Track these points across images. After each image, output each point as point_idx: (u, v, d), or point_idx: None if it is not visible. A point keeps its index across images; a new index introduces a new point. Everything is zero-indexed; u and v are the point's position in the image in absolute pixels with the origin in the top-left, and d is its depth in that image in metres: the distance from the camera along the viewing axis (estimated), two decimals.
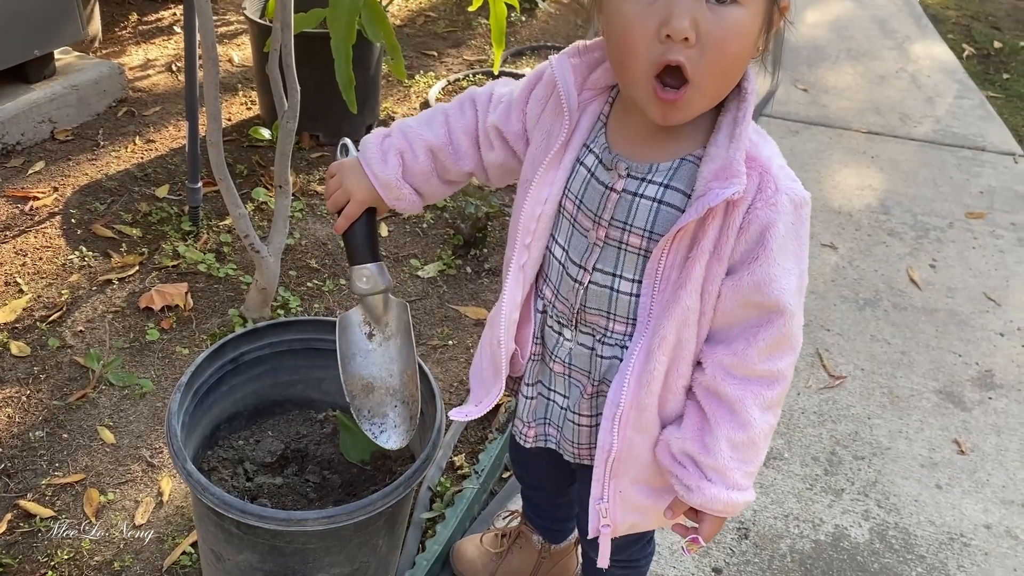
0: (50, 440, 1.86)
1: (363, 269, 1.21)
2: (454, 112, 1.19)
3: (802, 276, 1.01)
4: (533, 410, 1.23)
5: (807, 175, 3.17)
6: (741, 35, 0.91)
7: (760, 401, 1.03)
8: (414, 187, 1.18)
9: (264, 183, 2.72)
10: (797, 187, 0.99)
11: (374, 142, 1.18)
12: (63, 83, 2.89)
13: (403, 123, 1.19)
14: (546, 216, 1.09)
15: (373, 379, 1.30)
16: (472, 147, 1.18)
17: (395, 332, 1.29)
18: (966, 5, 5.14)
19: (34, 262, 2.33)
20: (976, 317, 2.56)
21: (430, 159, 1.18)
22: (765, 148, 0.99)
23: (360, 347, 1.28)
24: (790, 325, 1.00)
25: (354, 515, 1.27)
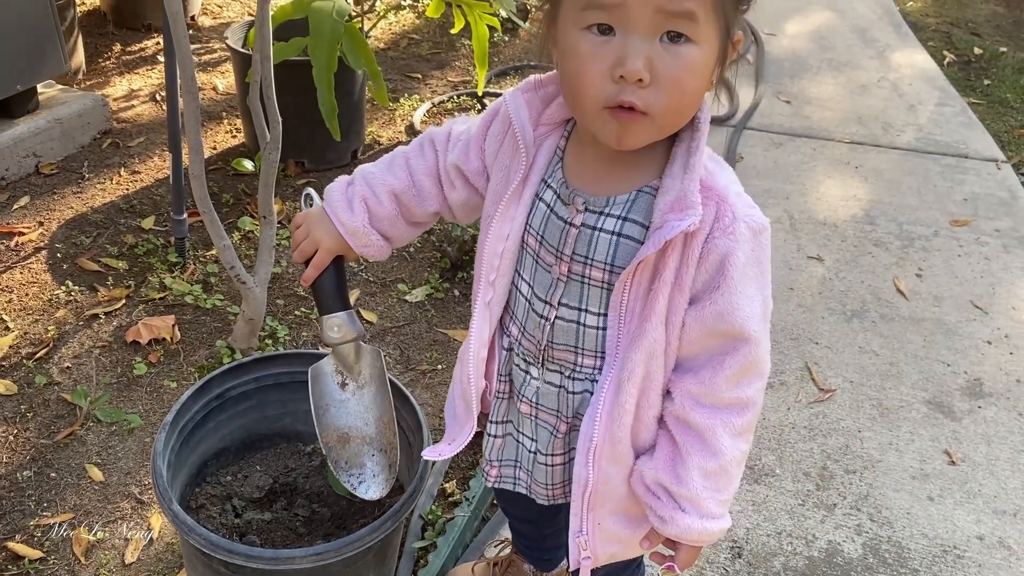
0: (38, 479, 1.85)
1: (333, 318, 1.21)
2: (414, 154, 1.19)
3: (765, 302, 1.01)
4: (499, 449, 1.23)
5: (791, 187, 3.18)
6: (696, 73, 0.91)
7: (730, 429, 1.03)
8: (381, 232, 1.18)
9: (250, 212, 2.73)
10: (755, 214, 0.98)
11: (338, 191, 1.18)
12: (47, 117, 2.89)
13: (365, 170, 1.19)
14: (509, 252, 1.09)
15: (348, 429, 1.29)
16: (435, 187, 1.18)
17: (368, 380, 1.29)
18: (946, 12, 5.18)
19: (20, 298, 2.32)
20: (963, 325, 2.57)
21: (394, 203, 1.18)
22: (721, 176, 0.99)
23: (334, 397, 1.28)
24: (756, 352, 1.00)
25: (342, 551, 1.26)
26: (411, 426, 1.48)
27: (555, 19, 0.96)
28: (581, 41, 0.91)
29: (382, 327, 2.36)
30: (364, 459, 1.30)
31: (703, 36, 0.90)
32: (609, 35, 0.89)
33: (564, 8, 0.94)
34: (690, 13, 0.87)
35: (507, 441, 1.22)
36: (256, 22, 1.87)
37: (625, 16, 0.88)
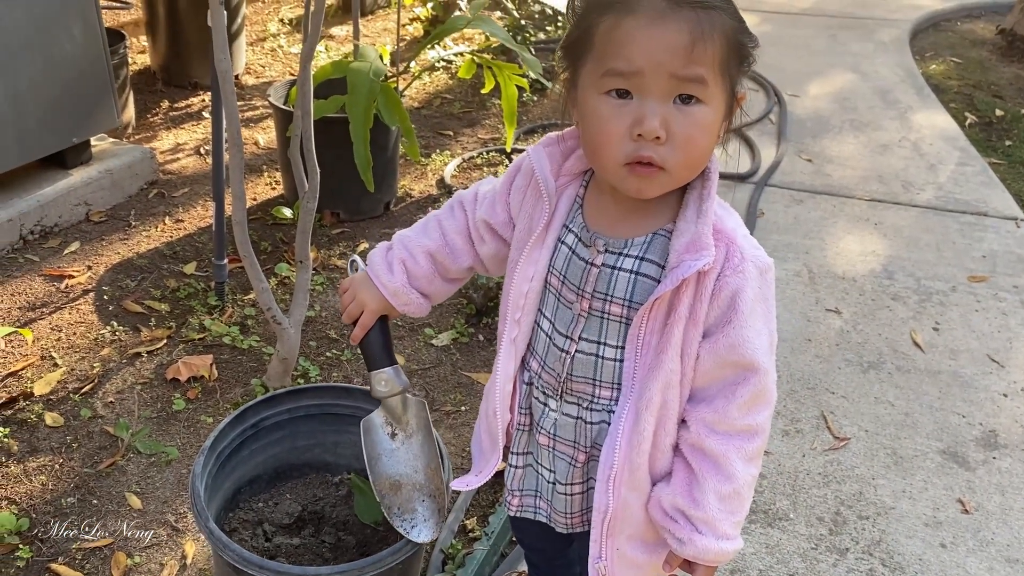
0: (81, 506, 1.95)
1: (381, 373, 1.33)
2: (445, 216, 1.31)
3: (772, 335, 1.10)
4: (520, 479, 1.32)
5: (811, 242, 3.26)
6: (706, 130, 1.02)
7: (742, 454, 1.11)
8: (420, 290, 1.31)
9: (287, 259, 2.85)
10: (760, 254, 1.09)
11: (379, 256, 1.31)
12: (98, 168, 3.06)
13: (402, 234, 1.32)
14: (533, 292, 1.18)
15: (400, 477, 1.39)
16: (466, 245, 1.30)
17: (416, 430, 1.39)
18: (968, 75, 5.28)
19: (68, 337, 2.45)
20: (980, 378, 2.61)
21: (430, 262, 1.30)
22: (729, 220, 1.09)
23: (385, 447, 1.39)
24: (765, 381, 1.09)
25: (364, 571, 1.34)
26: None
27: (576, 84, 1.08)
28: (601, 105, 1.02)
29: (409, 370, 2.45)
30: (415, 504, 1.40)
31: (711, 97, 1.00)
32: (627, 98, 1.01)
33: (584, 75, 1.05)
34: (700, 78, 0.98)
35: (527, 472, 1.31)
36: (299, 80, 2.01)
37: (642, 83, 0.99)
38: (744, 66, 1.04)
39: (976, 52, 5.73)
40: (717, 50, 0.98)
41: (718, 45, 0.98)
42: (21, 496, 1.96)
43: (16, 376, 2.29)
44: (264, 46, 4.72)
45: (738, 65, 1.03)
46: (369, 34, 5.07)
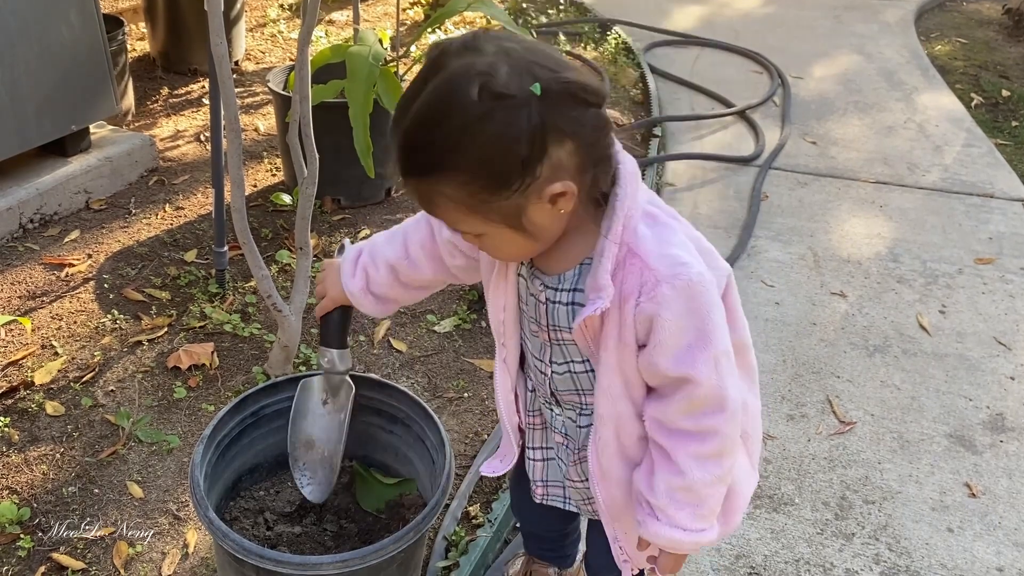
0: (82, 495, 1.94)
1: (326, 351, 1.48)
2: (412, 228, 1.33)
3: (715, 345, 1.06)
4: (543, 471, 1.38)
5: (816, 225, 3.23)
6: (506, 242, 1.06)
7: (691, 452, 1.11)
8: (379, 295, 1.37)
9: (287, 246, 2.84)
10: (683, 272, 1.04)
11: (351, 256, 1.37)
12: (98, 155, 3.04)
13: (373, 240, 1.37)
14: (510, 320, 1.24)
15: (316, 439, 1.55)
16: (428, 259, 1.32)
17: (343, 407, 1.54)
18: (974, 55, 5.23)
19: (69, 325, 2.44)
20: (986, 361, 2.59)
21: (390, 273, 1.34)
22: (648, 241, 1.05)
23: (313, 410, 1.54)
24: (700, 392, 1.07)
25: (367, 559, 1.33)
26: (435, 444, 1.55)
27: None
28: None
29: (411, 356, 2.44)
30: (317, 467, 1.55)
31: (483, 230, 1.04)
32: None
33: None
34: (455, 230, 1.08)
35: (549, 464, 1.38)
36: (296, 65, 1.99)
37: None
38: (500, 198, 0.98)
39: (982, 32, 5.68)
40: (448, 208, 1.02)
41: (447, 203, 1.01)
42: (22, 486, 1.95)
43: (16, 365, 2.28)
44: (264, 32, 4.69)
45: (497, 190, 0.97)
46: (369, 18, 5.04)
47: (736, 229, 3.20)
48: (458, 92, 0.92)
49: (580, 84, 0.96)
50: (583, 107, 0.97)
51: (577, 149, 0.98)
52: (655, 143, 3.78)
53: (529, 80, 0.93)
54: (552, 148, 0.96)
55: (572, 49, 4.72)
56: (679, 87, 4.46)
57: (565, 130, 0.96)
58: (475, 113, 0.92)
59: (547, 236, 1.06)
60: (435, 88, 0.94)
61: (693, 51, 4.96)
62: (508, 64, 0.93)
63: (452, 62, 0.94)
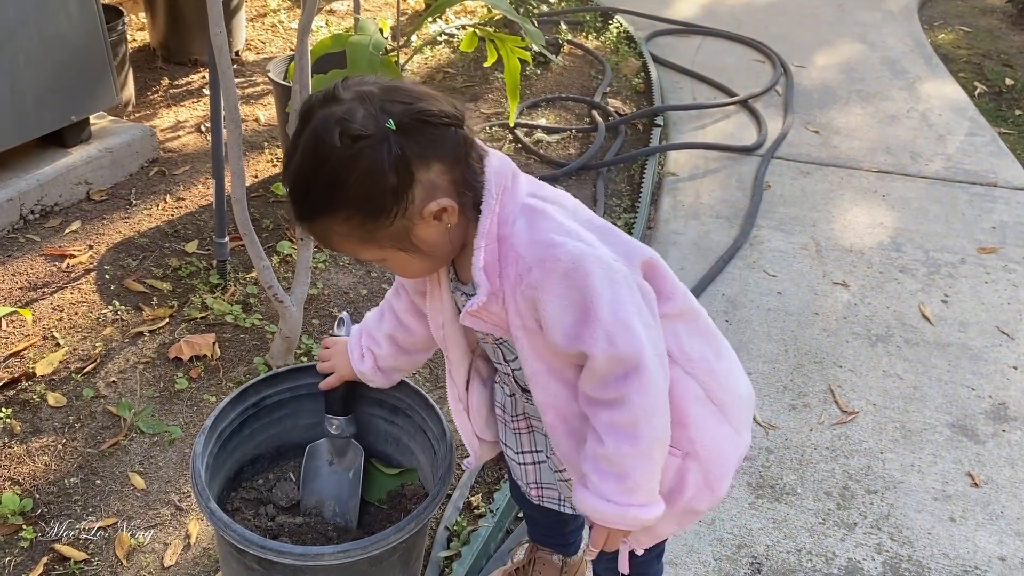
0: (84, 486, 1.94)
1: (334, 419, 1.56)
2: (394, 298, 1.42)
3: (601, 318, 1.07)
4: (535, 474, 1.42)
5: (818, 214, 3.22)
6: (402, 265, 1.15)
7: (606, 420, 1.12)
8: (387, 369, 1.46)
9: (289, 236, 2.83)
10: (552, 252, 1.08)
11: (355, 340, 1.47)
12: (98, 146, 3.04)
13: (366, 321, 1.47)
14: (449, 335, 1.31)
15: (325, 498, 1.61)
16: (418, 320, 1.39)
17: (350, 467, 1.60)
18: (978, 44, 5.20)
19: (70, 316, 2.44)
20: (989, 351, 2.58)
21: (390, 344, 1.43)
22: (520, 232, 1.11)
23: (321, 472, 1.61)
24: (598, 363, 1.09)
25: (369, 549, 1.33)
26: (436, 435, 1.54)
27: None
28: None
29: None
30: (325, 526, 1.59)
31: (380, 256, 1.14)
32: None
33: None
34: (357, 259, 1.13)
35: (541, 468, 1.41)
36: (296, 55, 1.98)
37: None
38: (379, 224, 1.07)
39: (986, 20, 5.64)
40: (344, 243, 1.12)
41: (340, 239, 1.11)
42: (24, 477, 1.95)
43: (18, 356, 2.28)
44: (264, 22, 4.67)
45: (377, 219, 1.06)
46: (370, 8, 5.02)
47: (738, 219, 3.19)
48: (322, 141, 1.04)
49: (432, 112, 1.06)
50: (441, 129, 1.07)
51: (445, 168, 1.08)
52: (657, 132, 3.77)
53: (384, 117, 1.03)
54: (419, 172, 1.05)
55: (574, 38, 4.70)
56: (681, 76, 4.44)
57: (427, 154, 1.06)
58: (340, 157, 1.03)
59: (441, 251, 1.14)
60: (304, 141, 1.06)
61: (695, 40, 4.94)
62: (363, 107, 1.04)
63: (316, 114, 1.06)
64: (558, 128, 3.77)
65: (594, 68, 4.44)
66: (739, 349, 2.51)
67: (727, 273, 2.89)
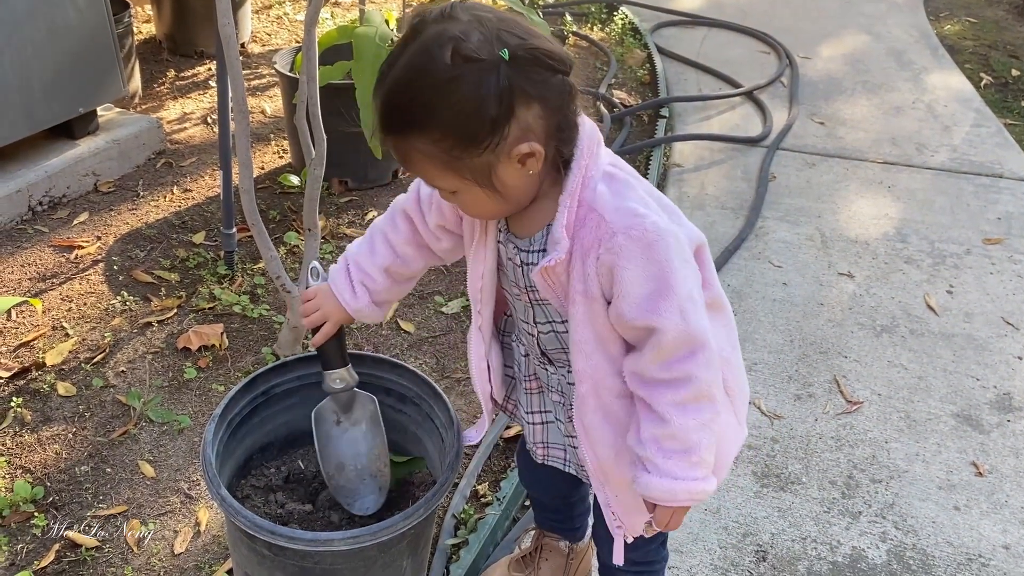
0: (95, 474, 1.96)
1: (336, 373, 1.47)
2: (389, 229, 1.37)
3: (677, 292, 1.09)
4: (543, 433, 1.41)
5: (823, 206, 3.23)
6: (474, 200, 1.11)
7: (669, 400, 1.12)
8: (382, 301, 1.40)
9: (296, 227, 2.84)
10: (640, 222, 1.07)
11: (341, 276, 1.39)
12: (105, 138, 3.05)
13: (354, 255, 1.39)
14: (487, 287, 1.28)
15: (344, 459, 1.56)
16: (417, 251, 1.37)
17: (360, 419, 1.55)
18: (983, 35, 5.19)
19: (79, 307, 2.45)
20: (994, 341, 2.59)
21: (386, 277, 1.38)
22: (607, 197, 1.10)
23: (332, 433, 1.55)
24: (667, 338, 1.09)
25: (378, 535, 1.34)
26: (443, 423, 1.56)
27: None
28: None
29: (419, 337, 2.45)
30: (356, 484, 1.56)
31: (456, 186, 1.09)
32: None
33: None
34: (433, 185, 1.14)
35: (549, 428, 1.40)
36: (303, 46, 1.99)
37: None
38: (469, 155, 1.04)
39: (992, 11, 5.63)
40: (425, 164, 1.07)
41: (423, 159, 1.06)
42: (35, 465, 1.97)
43: (28, 346, 2.29)
44: (269, 14, 4.67)
45: (468, 147, 1.03)
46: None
47: (744, 210, 3.19)
48: (432, 55, 0.99)
49: (546, 51, 1.02)
50: (549, 72, 1.03)
51: (544, 112, 1.04)
52: (662, 124, 3.77)
53: (499, 45, 1.00)
54: (520, 110, 1.02)
55: (579, 29, 4.70)
56: (686, 68, 4.44)
57: (532, 93, 1.02)
58: (447, 75, 0.99)
59: (516, 196, 1.11)
60: (412, 52, 1.02)
61: (700, 31, 4.94)
62: (479, 31, 1.00)
63: (429, 28, 1.01)
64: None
65: (599, 59, 4.44)
66: (745, 339, 2.52)
67: (733, 264, 2.89)
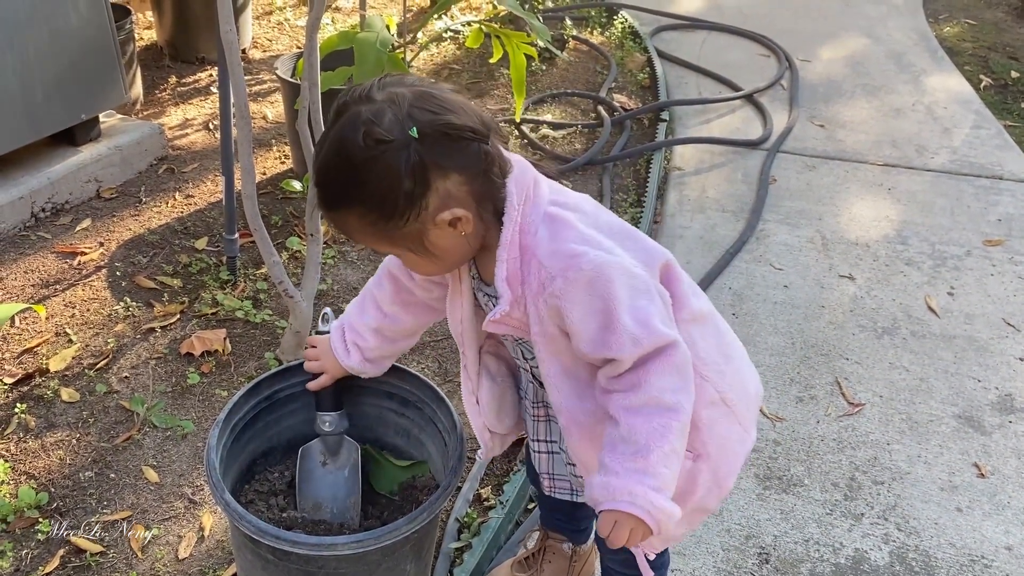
0: (99, 480, 1.97)
1: (326, 416, 1.54)
2: (376, 289, 1.44)
3: (623, 323, 1.10)
4: (548, 464, 1.47)
5: (824, 208, 3.23)
6: (414, 264, 1.20)
7: (622, 404, 1.13)
8: (375, 360, 1.48)
9: (298, 232, 2.85)
10: (574, 263, 1.11)
11: (338, 337, 1.47)
12: (108, 144, 3.06)
13: (347, 317, 1.47)
14: (467, 331, 1.33)
15: (322, 500, 1.60)
16: (403, 309, 1.42)
17: (344, 465, 1.59)
18: (983, 37, 5.20)
19: (82, 313, 2.46)
20: (995, 343, 2.59)
21: (376, 336, 1.45)
22: (542, 242, 1.13)
23: (315, 473, 1.59)
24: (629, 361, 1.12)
25: (381, 539, 1.35)
26: (447, 427, 1.56)
27: None
28: None
29: (422, 342, 2.45)
30: (329, 524, 1.59)
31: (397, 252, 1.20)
32: None
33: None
34: (376, 250, 1.18)
35: (554, 459, 1.44)
36: (305, 52, 2.00)
37: None
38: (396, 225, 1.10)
39: (991, 13, 5.64)
40: (360, 235, 1.16)
41: (356, 232, 1.15)
42: (40, 471, 1.98)
43: (32, 352, 2.30)
44: (270, 19, 4.69)
45: (390, 220, 1.10)
46: (376, 5, 5.03)
47: (744, 213, 3.20)
48: (348, 140, 1.08)
49: (456, 125, 1.08)
50: (462, 143, 1.09)
51: (463, 179, 1.11)
52: (663, 127, 3.78)
53: (409, 124, 1.07)
54: (436, 181, 1.09)
55: (579, 33, 4.71)
56: (686, 71, 4.45)
57: (446, 165, 1.09)
58: (361, 156, 1.07)
59: (453, 255, 1.18)
60: (332, 135, 1.10)
61: (700, 35, 4.95)
62: (392, 111, 1.07)
63: (349, 110, 1.10)
64: (564, 124, 3.79)
65: (599, 63, 4.45)
66: (746, 342, 2.51)
67: (733, 267, 2.90)
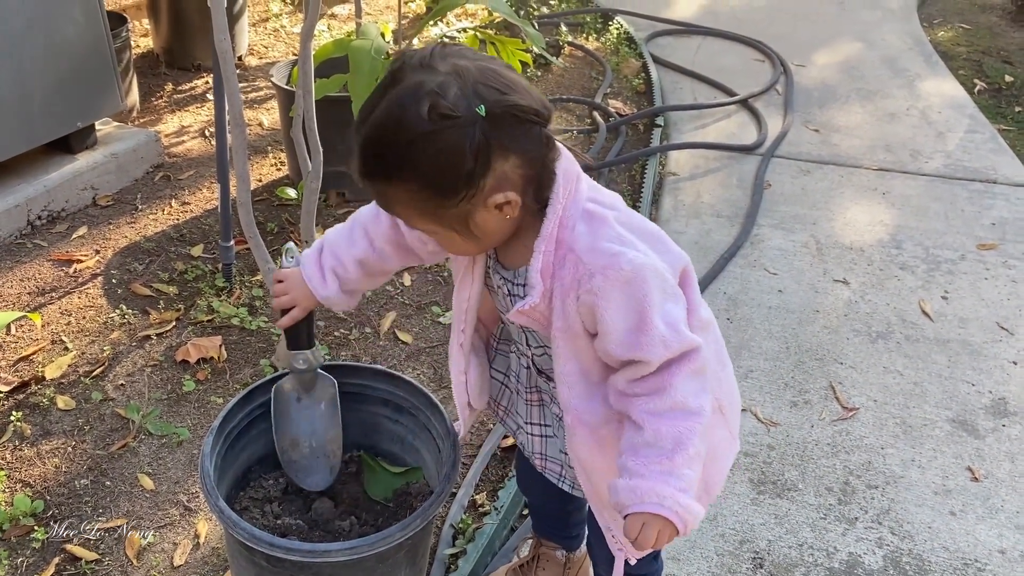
0: (94, 487, 1.97)
1: (301, 354, 1.49)
2: (369, 221, 1.35)
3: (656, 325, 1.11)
4: (542, 445, 1.44)
5: (818, 213, 3.24)
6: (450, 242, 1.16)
7: (644, 408, 1.14)
8: (350, 291, 1.40)
9: (294, 239, 2.86)
10: (613, 262, 1.10)
11: (312, 262, 1.38)
12: (104, 152, 3.07)
13: (330, 241, 1.38)
14: (471, 309, 1.31)
15: (299, 436, 1.58)
16: (395, 250, 1.36)
17: (320, 399, 1.57)
18: (977, 41, 5.22)
19: (78, 321, 2.47)
20: (989, 346, 2.60)
21: (359, 268, 1.37)
22: (585, 237, 1.12)
23: (289, 411, 1.57)
24: (655, 367, 1.12)
25: (375, 546, 1.35)
26: (440, 433, 1.57)
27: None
28: None
29: (417, 347, 2.46)
30: (310, 460, 1.59)
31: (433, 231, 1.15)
32: None
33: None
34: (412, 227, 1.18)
35: (548, 442, 1.42)
36: (299, 59, 2.01)
37: None
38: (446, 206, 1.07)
39: (985, 17, 5.66)
40: (402, 209, 1.12)
41: (400, 205, 1.11)
42: (35, 479, 1.98)
43: (27, 360, 2.31)
44: (266, 27, 4.70)
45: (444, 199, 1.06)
46: (371, 12, 5.05)
47: (739, 217, 3.21)
48: (409, 110, 1.02)
49: (523, 107, 1.05)
50: (526, 126, 1.06)
51: (521, 163, 1.07)
52: (658, 132, 3.79)
53: (476, 101, 1.02)
54: (496, 163, 1.05)
55: (574, 39, 4.72)
56: (681, 76, 4.46)
57: (509, 147, 1.05)
58: (423, 131, 1.01)
59: (493, 238, 1.15)
60: (390, 101, 1.04)
61: (695, 40, 4.96)
62: (457, 84, 1.02)
63: (408, 77, 1.03)
64: (559, 129, 3.79)
65: (594, 69, 4.46)
66: (741, 347, 2.54)
67: (728, 272, 2.91)
